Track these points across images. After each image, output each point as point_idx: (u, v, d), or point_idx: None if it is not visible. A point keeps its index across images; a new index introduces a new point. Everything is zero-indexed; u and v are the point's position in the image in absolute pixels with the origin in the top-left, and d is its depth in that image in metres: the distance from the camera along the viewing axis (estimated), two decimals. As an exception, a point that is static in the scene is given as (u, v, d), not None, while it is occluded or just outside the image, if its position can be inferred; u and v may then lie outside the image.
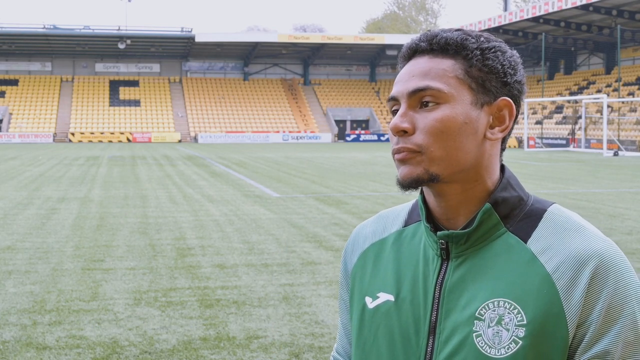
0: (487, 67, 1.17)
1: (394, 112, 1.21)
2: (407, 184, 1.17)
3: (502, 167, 1.23)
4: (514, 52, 1.22)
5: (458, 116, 1.15)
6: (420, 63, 1.19)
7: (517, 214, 1.19)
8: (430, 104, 1.16)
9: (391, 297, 1.25)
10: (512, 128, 1.21)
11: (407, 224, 1.31)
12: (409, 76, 1.19)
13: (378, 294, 1.27)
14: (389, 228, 1.33)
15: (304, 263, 8.53)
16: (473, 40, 1.18)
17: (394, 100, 1.21)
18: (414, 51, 1.22)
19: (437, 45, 1.18)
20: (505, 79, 1.18)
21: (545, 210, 1.19)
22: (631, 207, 13.90)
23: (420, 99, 1.17)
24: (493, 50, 1.18)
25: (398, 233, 1.31)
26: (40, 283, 7.50)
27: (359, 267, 1.33)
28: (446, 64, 1.17)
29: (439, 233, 1.20)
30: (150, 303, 6.69)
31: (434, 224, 1.23)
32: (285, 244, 9.89)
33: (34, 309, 6.45)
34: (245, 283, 7.52)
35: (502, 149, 1.24)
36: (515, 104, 1.20)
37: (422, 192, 1.25)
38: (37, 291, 7.15)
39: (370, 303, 1.27)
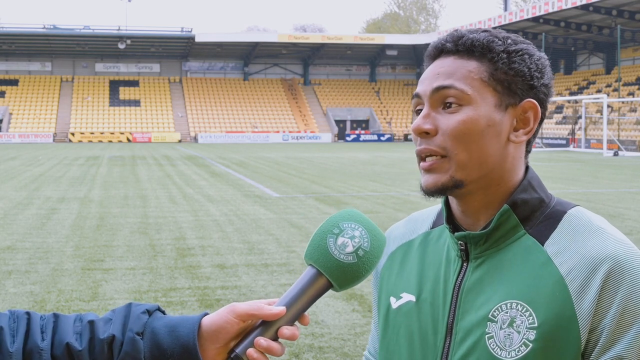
0: (513, 70, 1.16)
1: (417, 112, 1.21)
2: (431, 192, 1.17)
3: (527, 168, 1.22)
4: (542, 54, 1.21)
5: (481, 119, 1.15)
6: (446, 63, 1.19)
7: (538, 216, 1.18)
8: (453, 105, 1.16)
9: (413, 298, 1.26)
10: (537, 130, 1.20)
11: (434, 226, 1.32)
12: (434, 75, 1.19)
13: (401, 295, 1.28)
14: (417, 230, 1.34)
15: (304, 263, 8.51)
16: (500, 43, 1.17)
17: (418, 97, 1.21)
18: (440, 51, 1.21)
19: (463, 47, 1.18)
20: (532, 82, 1.17)
21: (565, 213, 1.18)
22: (631, 207, 13.90)
23: (444, 98, 1.17)
24: (520, 53, 1.17)
25: (425, 235, 1.32)
26: (40, 283, 7.50)
27: (386, 268, 1.34)
28: (471, 66, 1.17)
29: (456, 234, 1.20)
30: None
31: (455, 225, 1.23)
32: (285, 244, 9.89)
33: (34, 309, 6.44)
34: (245, 283, 7.51)
35: (528, 151, 1.22)
36: (541, 107, 1.19)
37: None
38: (37, 291, 7.15)
39: (394, 303, 1.29)
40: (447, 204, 1.25)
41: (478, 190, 1.18)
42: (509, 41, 1.18)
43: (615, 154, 38.13)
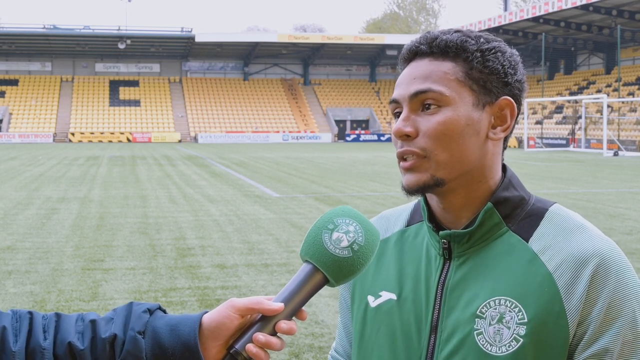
0: (488, 68, 1.18)
1: (396, 115, 1.22)
2: (413, 191, 1.18)
3: (504, 167, 1.24)
4: (514, 51, 1.22)
5: (460, 118, 1.16)
6: (421, 66, 1.20)
7: (519, 214, 1.20)
8: (432, 107, 1.17)
9: (393, 296, 1.25)
10: (513, 127, 1.22)
11: (409, 224, 1.32)
12: (410, 79, 1.20)
13: (380, 293, 1.28)
14: (391, 228, 1.34)
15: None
16: (473, 42, 1.19)
17: (396, 102, 1.21)
18: (414, 54, 1.22)
19: (437, 48, 1.19)
20: (506, 79, 1.19)
21: (547, 210, 1.20)
22: (631, 207, 13.90)
23: (422, 101, 1.18)
24: (493, 51, 1.19)
25: (400, 233, 1.32)
26: (40, 283, 7.50)
27: None
28: (447, 67, 1.18)
29: (441, 233, 1.21)
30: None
31: (436, 223, 1.24)
32: (285, 244, 9.89)
33: (34, 309, 6.44)
34: (245, 283, 7.52)
35: (504, 148, 1.24)
36: (516, 103, 1.21)
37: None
38: (37, 291, 7.15)
39: (373, 302, 1.28)
40: (426, 202, 1.26)
41: (460, 188, 1.19)
42: (482, 40, 1.19)
43: (615, 154, 38.13)
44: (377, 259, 1.31)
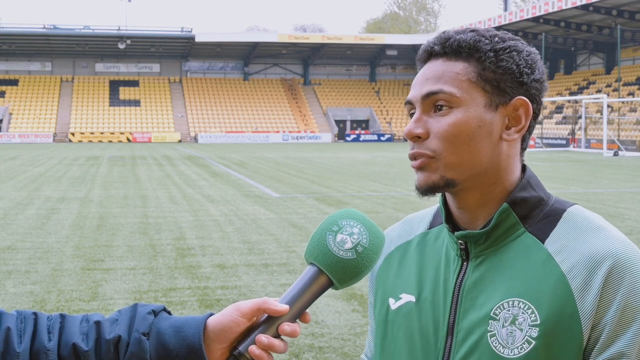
0: (502, 69, 1.16)
1: (412, 116, 1.22)
2: (424, 190, 1.18)
3: (524, 167, 1.23)
4: (532, 49, 1.20)
5: (471, 120, 1.15)
6: (435, 66, 1.19)
7: (537, 214, 1.18)
8: (444, 108, 1.16)
9: (413, 298, 1.25)
10: (530, 127, 1.20)
11: (431, 226, 1.32)
12: (424, 80, 1.19)
13: (401, 295, 1.27)
14: (415, 231, 1.34)
15: (304, 263, 8.50)
16: (487, 42, 1.17)
17: (410, 104, 1.21)
18: (429, 54, 1.22)
19: (450, 49, 1.18)
20: (522, 79, 1.17)
21: (565, 211, 1.18)
22: (631, 207, 13.90)
23: (434, 102, 1.17)
24: (508, 50, 1.17)
25: (422, 235, 1.32)
26: (40, 283, 7.51)
27: (383, 270, 1.34)
28: (459, 67, 1.17)
29: (456, 233, 1.20)
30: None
31: (454, 224, 1.24)
32: (285, 244, 9.89)
33: (34, 309, 6.44)
34: (245, 283, 7.52)
35: (523, 149, 1.22)
36: (534, 103, 1.19)
37: (443, 194, 1.25)
38: (37, 291, 7.16)
39: (393, 304, 1.28)
40: (445, 204, 1.25)
41: (473, 189, 1.18)
42: (496, 39, 1.17)
43: (615, 154, 38.13)
44: (399, 262, 1.31)
